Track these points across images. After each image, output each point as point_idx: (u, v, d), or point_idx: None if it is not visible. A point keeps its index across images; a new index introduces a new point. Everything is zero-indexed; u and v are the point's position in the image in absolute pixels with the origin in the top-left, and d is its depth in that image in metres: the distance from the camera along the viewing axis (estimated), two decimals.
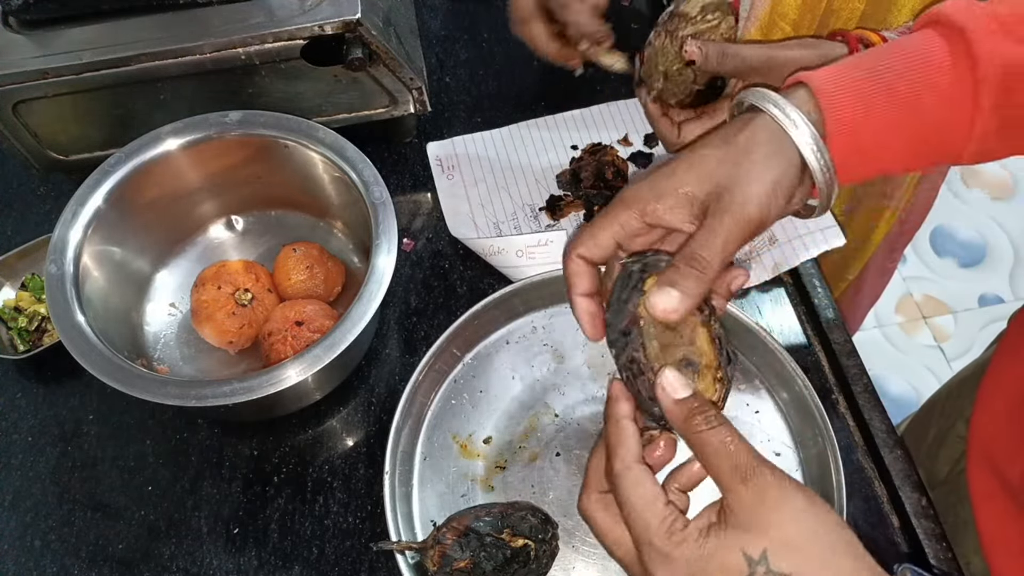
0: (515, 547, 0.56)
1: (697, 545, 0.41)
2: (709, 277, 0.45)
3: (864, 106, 0.47)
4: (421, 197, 0.84)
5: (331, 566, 0.64)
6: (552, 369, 0.71)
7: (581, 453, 0.66)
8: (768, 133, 0.47)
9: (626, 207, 0.48)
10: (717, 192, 0.46)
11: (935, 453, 0.80)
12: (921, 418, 0.90)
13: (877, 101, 0.47)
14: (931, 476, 0.78)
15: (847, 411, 0.70)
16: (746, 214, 0.45)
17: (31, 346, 0.73)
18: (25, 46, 0.71)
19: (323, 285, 0.73)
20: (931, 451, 0.81)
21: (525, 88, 0.91)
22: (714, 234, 0.45)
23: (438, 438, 0.68)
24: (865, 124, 0.47)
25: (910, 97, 0.47)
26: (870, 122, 0.47)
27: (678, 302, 0.45)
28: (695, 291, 0.45)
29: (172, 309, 0.75)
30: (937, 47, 0.48)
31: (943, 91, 0.47)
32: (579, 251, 0.50)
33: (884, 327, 1.91)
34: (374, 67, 0.75)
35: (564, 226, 0.80)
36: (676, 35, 0.68)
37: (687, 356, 0.48)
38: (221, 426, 0.71)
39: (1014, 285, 1.95)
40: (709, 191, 0.46)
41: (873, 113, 0.47)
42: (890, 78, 0.47)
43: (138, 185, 0.71)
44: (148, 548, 0.65)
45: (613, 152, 0.83)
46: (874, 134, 0.47)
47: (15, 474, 0.69)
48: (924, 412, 0.90)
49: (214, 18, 0.72)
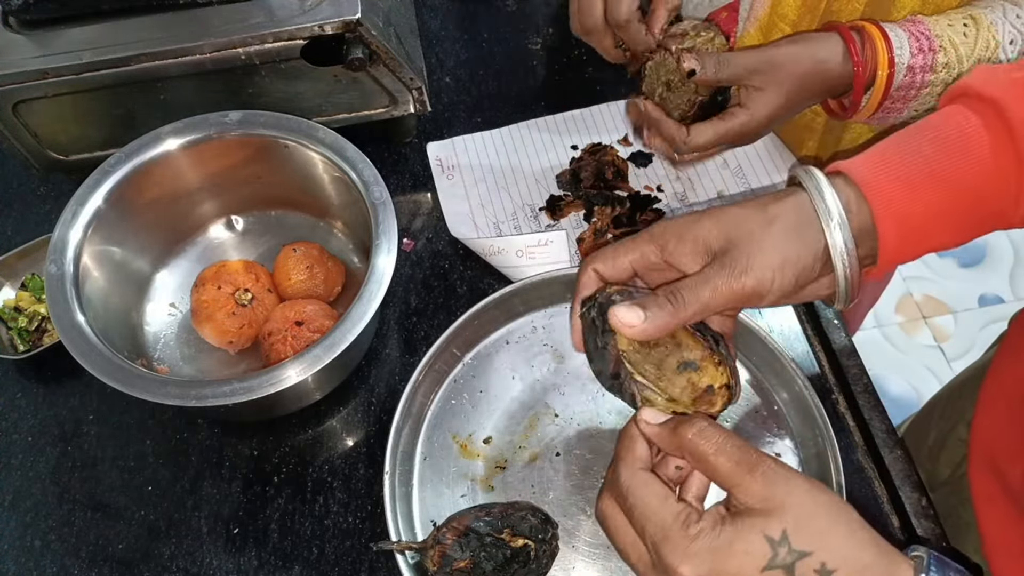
0: (515, 547, 0.56)
1: (715, 534, 0.41)
2: (680, 317, 0.46)
3: (908, 188, 0.47)
4: (421, 197, 0.84)
5: (331, 566, 0.64)
6: (552, 369, 0.71)
7: (581, 453, 0.66)
8: (797, 213, 0.47)
9: (650, 239, 0.49)
10: (726, 248, 0.47)
11: (936, 455, 0.80)
12: (922, 419, 0.90)
13: (920, 182, 0.47)
14: (932, 478, 0.78)
15: (847, 411, 0.70)
16: (741, 280, 0.46)
17: (31, 346, 0.73)
18: (25, 46, 0.71)
19: (323, 285, 0.73)
20: (932, 453, 0.81)
21: (525, 88, 0.92)
22: (704, 283, 0.46)
23: (438, 438, 0.68)
24: (912, 206, 0.47)
25: (952, 173, 0.47)
26: (916, 204, 0.47)
27: (639, 321, 0.46)
28: (660, 322, 0.46)
29: (172, 309, 0.75)
30: (972, 121, 0.48)
31: (985, 163, 0.47)
32: (596, 265, 0.51)
33: (884, 327, 1.91)
34: (374, 67, 0.75)
35: (564, 226, 0.80)
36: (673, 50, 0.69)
37: (682, 359, 0.48)
38: (221, 426, 0.71)
39: (1014, 285, 1.95)
40: (722, 245, 0.47)
41: (918, 195, 0.47)
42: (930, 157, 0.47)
43: (138, 185, 0.71)
44: (148, 548, 0.65)
45: (613, 152, 0.83)
46: (922, 215, 0.47)
47: (15, 474, 0.69)
48: (924, 413, 0.90)
49: (214, 18, 0.72)
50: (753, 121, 0.68)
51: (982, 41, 0.65)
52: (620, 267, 0.50)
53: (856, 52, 0.66)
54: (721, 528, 0.41)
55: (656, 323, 0.46)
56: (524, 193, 0.82)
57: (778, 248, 0.46)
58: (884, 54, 0.65)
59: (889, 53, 0.65)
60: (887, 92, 0.67)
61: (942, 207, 0.47)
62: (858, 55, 0.66)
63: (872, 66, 0.66)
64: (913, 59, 0.65)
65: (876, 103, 0.68)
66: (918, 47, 0.65)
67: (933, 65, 0.65)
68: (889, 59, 0.65)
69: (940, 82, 0.66)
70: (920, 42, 0.65)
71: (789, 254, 0.46)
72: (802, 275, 0.47)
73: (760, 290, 0.46)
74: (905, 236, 0.47)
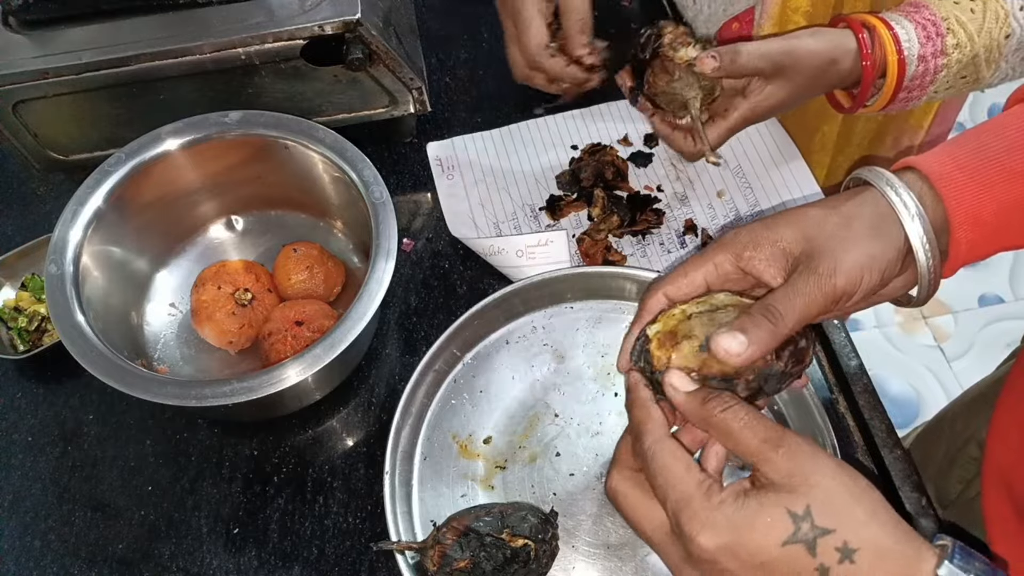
0: (515, 547, 0.56)
1: (738, 505, 0.41)
2: (781, 333, 0.45)
3: (980, 185, 0.47)
4: (421, 197, 0.84)
5: (331, 566, 0.64)
6: (552, 369, 0.71)
7: (581, 453, 0.66)
8: (874, 209, 0.47)
9: (723, 249, 0.48)
10: (810, 252, 0.46)
11: (946, 472, 0.79)
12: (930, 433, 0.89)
13: (993, 178, 0.47)
14: (941, 495, 0.78)
15: (847, 411, 0.70)
16: (832, 282, 0.45)
17: (31, 346, 0.73)
18: (25, 46, 0.71)
19: (323, 285, 0.73)
20: (942, 469, 0.80)
21: (525, 88, 0.91)
22: (796, 293, 0.45)
23: (438, 438, 0.68)
24: (987, 203, 0.47)
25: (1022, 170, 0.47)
26: (991, 200, 0.47)
27: (743, 347, 0.44)
28: (764, 341, 0.45)
29: (172, 309, 0.75)
30: None
31: None
32: (665, 288, 0.49)
33: (884, 327, 1.90)
34: (374, 67, 0.75)
35: (564, 226, 0.80)
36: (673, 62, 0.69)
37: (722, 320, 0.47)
38: (221, 426, 0.71)
39: (1014, 285, 1.94)
40: (804, 249, 0.46)
41: (993, 191, 0.47)
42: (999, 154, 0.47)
43: (138, 185, 0.71)
44: (148, 548, 0.65)
45: (613, 152, 0.83)
46: (996, 212, 0.47)
47: (15, 474, 0.69)
48: (933, 426, 0.89)
49: (214, 18, 0.72)
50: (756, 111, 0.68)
51: (991, 14, 0.64)
52: (693, 283, 0.49)
53: (866, 48, 0.65)
54: (744, 500, 0.41)
55: (760, 345, 0.44)
56: (524, 193, 0.82)
57: (862, 246, 0.46)
58: (893, 54, 0.65)
59: (898, 48, 0.65)
60: (900, 84, 0.67)
61: (1016, 202, 0.47)
62: (868, 52, 0.65)
63: (881, 64, 0.66)
64: (923, 48, 0.65)
65: (889, 95, 0.68)
66: (925, 35, 0.65)
67: (944, 49, 0.65)
68: (898, 52, 0.65)
69: (955, 63, 0.66)
70: (927, 29, 0.65)
71: (875, 251, 0.46)
72: (888, 271, 0.47)
73: (850, 290, 0.45)
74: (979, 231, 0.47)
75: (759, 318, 0.45)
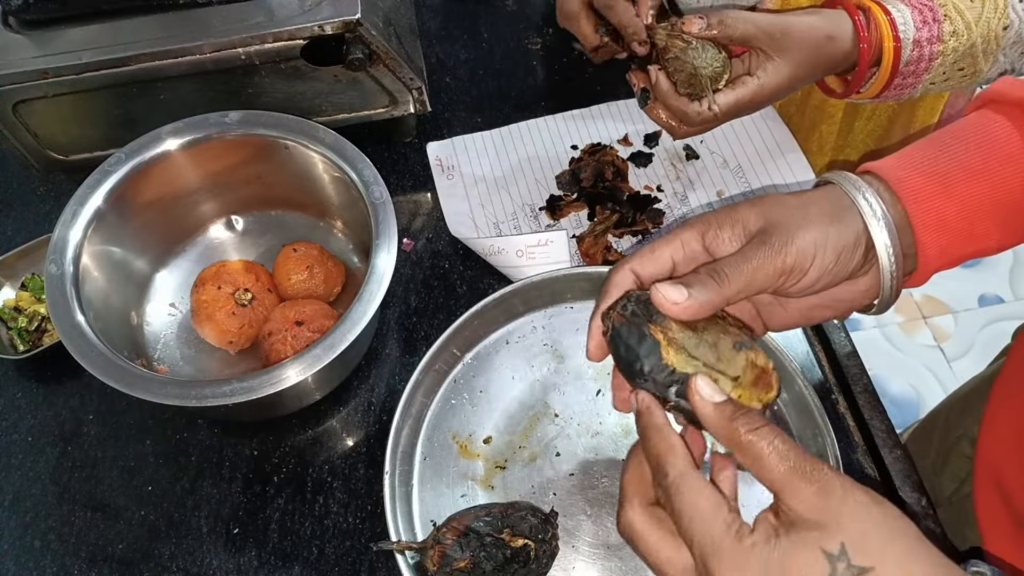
0: (515, 547, 0.56)
1: (770, 548, 0.39)
2: (724, 294, 0.45)
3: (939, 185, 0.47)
4: (421, 197, 0.84)
5: (331, 566, 0.64)
6: (552, 369, 0.71)
7: (581, 453, 0.66)
8: (836, 201, 0.48)
9: (690, 228, 0.49)
10: (765, 227, 0.47)
11: (940, 469, 0.79)
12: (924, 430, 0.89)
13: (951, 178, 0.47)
14: (936, 493, 0.77)
15: (847, 411, 0.70)
16: (783, 254, 0.46)
17: (31, 346, 0.73)
18: (25, 46, 0.71)
19: (323, 285, 0.73)
20: (936, 466, 0.80)
21: (525, 88, 0.92)
22: (745, 259, 0.46)
23: (438, 438, 0.68)
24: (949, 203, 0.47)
25: (983, 169, 0.47)
26: (954, 200, 0.47)
27: (684, 298, 0.45)
28: (704, 298, 0.45)
29: (172, 309, 0.75)
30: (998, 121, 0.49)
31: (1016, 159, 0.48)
32: (632, 264, 0.49)
33: (884, 327, 1.90)
34: (374, 67, 0.75)
35: (564, 226, 0.80)
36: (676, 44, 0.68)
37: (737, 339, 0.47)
38: (221, 426, 0.71)
39: (1014, 285, 1.95)
40: (761, 226, 0.47)
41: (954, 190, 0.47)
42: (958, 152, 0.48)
43: (138, 185, 0.71)
44: (148, 548, 0.65)
45: (613, 152, 0.83)
46: (960, 213, 0.47)
47: (15, 474, 0.69)
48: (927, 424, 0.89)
49: (214, 18, 0.72)
50: (764, 90, 0.68)
51: (989, 3, 0.65)
52: (659, 261, 0.49)
53: (862, 29, 0.65)
54: (776, 541, 0.39)
55: (700, 299, 0.45)
56: (524, 193, 0.82)
57: (817, 226, 0.47)
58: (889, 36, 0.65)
59: (894, 31, 0.65)
60: (895, 69, 0.66)
61: (980, 203, 0.47)
62: (864, 34, 0.65)
63: (877, 45, 0.66)
64: (918, 32, 0.65)
65: (884, 81, 0.67)
66: (922, 19, 0.65)
67: (940, 35, 0.65)
68: (895, 37, 0.65)
69: (950, 51, 0.66)
70: (924, 14, 0.65)
71: (830, 232, 0.47)
72: (844, 255, 0.47)
73: (801, 265, 0.46)
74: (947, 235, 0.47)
75: (704, 277, 0.46)
